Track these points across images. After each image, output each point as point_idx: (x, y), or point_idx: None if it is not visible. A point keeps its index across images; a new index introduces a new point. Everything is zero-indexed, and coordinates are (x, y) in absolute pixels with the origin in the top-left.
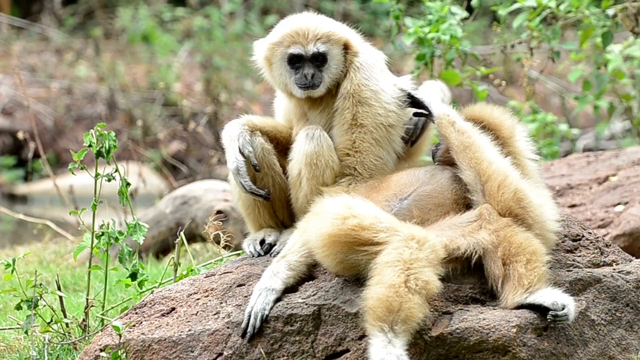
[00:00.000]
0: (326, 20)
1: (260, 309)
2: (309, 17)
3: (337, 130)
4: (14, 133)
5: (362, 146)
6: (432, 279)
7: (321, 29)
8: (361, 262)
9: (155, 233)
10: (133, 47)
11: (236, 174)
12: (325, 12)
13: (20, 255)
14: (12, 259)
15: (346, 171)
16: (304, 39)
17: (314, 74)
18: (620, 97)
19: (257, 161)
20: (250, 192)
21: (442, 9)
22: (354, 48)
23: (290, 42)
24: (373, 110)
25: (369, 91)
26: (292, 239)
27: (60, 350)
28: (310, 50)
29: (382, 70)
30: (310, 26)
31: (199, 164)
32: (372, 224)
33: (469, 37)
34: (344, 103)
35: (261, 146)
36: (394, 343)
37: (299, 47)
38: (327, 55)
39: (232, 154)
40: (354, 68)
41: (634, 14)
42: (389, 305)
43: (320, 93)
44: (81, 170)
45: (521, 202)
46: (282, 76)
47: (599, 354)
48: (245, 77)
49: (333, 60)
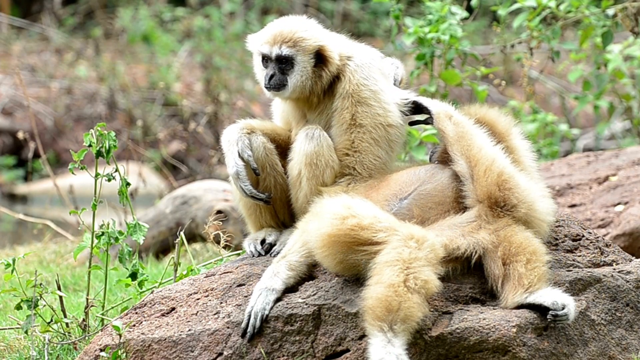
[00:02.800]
0: (308, 26)
1: (260, 309)
2: (293, 21)
3: (336, 131)
4: (14, 133)
5: (361, 146)
6: (431, 278)
7: (294, 33)
8: (360, 262)
9: (155, 233)
10: (133, 47)
11: (236, 178)
12: (325, 12)
13: (20, 255)
14: (12, 258)
15: (345, 171)
16: (273, 40)
17: (273, 75)
18: (620, 97)
19: (259, 161)
20: (250, 196)
21: (442, 8)
22: (331, 55)
23: (264, 40)
24: (372, 110)
25: (368, 91)
26: (292, 239)
27: (60, 350)
28: (274, 52)
29: (379, 69)
30: (286, 29)
31: (199, 164)
32: (371, 223)
33: (469, 37)
34: (342, 103)
35: (263, 146)
36: (393, 342)
37: (268, 47)
38: (294, 60)
39: (232, 158)
40: (350, 70)
41: (633, 14)
42: (388, 305)
43: (285, 96)
44: (81, 170)
45: (506, 184)
46: (258, 73)
47: (599, 354)
48: (245, 77)
49: (298, 66)
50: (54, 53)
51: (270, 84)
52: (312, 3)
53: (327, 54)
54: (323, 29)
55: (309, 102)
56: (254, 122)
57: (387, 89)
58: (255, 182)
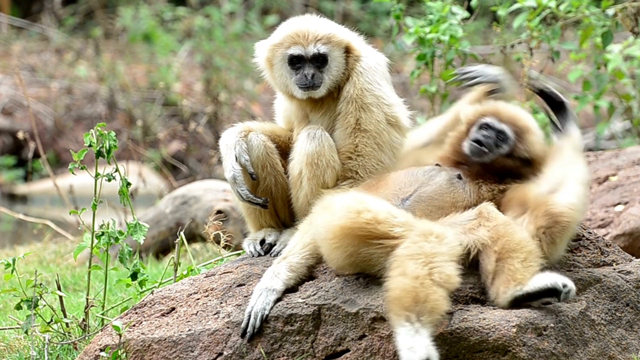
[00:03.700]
0: (327, 22)
1: (260, 309)
2: (310, 19)
3: (339, 134)
4: (14, 133)
5: (365, 150)
6: (453, 274)
7: (322, 30)
8: (372, 256)
9: (155, 233)
10: (133, 47)
11: (233, 183)
12: (325, 12)
13: (20, 255)
14: (12, 258)
15: (348, 174)
16: (305, 40)
17: (314, 74)
18: (620, 97)
19: (260, 160)
20: (247, 200)
21: (443, 8)
22: (356, 52)
23: (291, 43)
24: (376, 116)
25: (372, 96)
26: (293, 240)
27: (60, 350)
28: (311, 51)
29: (384, 73)
30: (311, 28)
31: (199, 164)
32: (386, 218)
33: (469, 37)
34: (347, 107)
35: (263, 144)
36: (420, 333)
37: (300, 48)
38: (328, 57)
39: (229, 163)
40: (357, 72)
41: (633, 14)
42: (415, 296)
43: (320, 94)
44: (81, 170)
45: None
46: (283, 77)
47: (599, 354)
48: (245, 77)
49: (334, 62)
50: (54, 53)
51: (312, 83)
52: (312, 3)
53: (355, 47)
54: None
55: (313, 102)
56: (252, 125)
57: (392, 93)
58: (255, 183)
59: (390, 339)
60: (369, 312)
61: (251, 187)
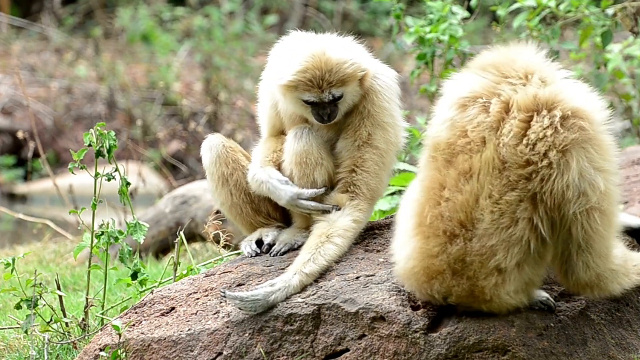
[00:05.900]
0: (342, 52)
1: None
2: (322, 52)
3: (346, 144)
4: (14, 132)
5: (372, 168)
6: None
7: (336, 74)
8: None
9: (155, 232)
10: (133, 47)
11: (296, 200)
12: (325, 11)
13: (20, 254)
14: (12, 258)
15: (349, 188)
16: (319, 88)
17: (330, 113)
18: (620, 96)
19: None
20: (321, 210)
21: (443, 8)
22: (370, 74)
23: (304, 89)
24: (389, 136)
25: (389, 116)
26: (307, 247)
27: (60, 350)
28: (326, 98)
29: (397, 91)
30: (325, 69)
31: (199, 164)
32: None
33: (468, 36)
34: (361, 121)
35: (222, 144)
36: None
37: (314, 95)
38: (343, 95)
39: (277, 190)
40: (375, 90)
41: (633, 14)
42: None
43: (335, 121)
44: (81, 170)
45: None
46: (297, 110)
47: (599, 354)
48: (245, 76)
49: (349, 95)
50: (53, 53)
51: (329, 119)
52: (312, 3)
53: (369, 73)
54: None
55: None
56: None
57: (400, 115)
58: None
59: (390, 339)
60: (369, 312)
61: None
